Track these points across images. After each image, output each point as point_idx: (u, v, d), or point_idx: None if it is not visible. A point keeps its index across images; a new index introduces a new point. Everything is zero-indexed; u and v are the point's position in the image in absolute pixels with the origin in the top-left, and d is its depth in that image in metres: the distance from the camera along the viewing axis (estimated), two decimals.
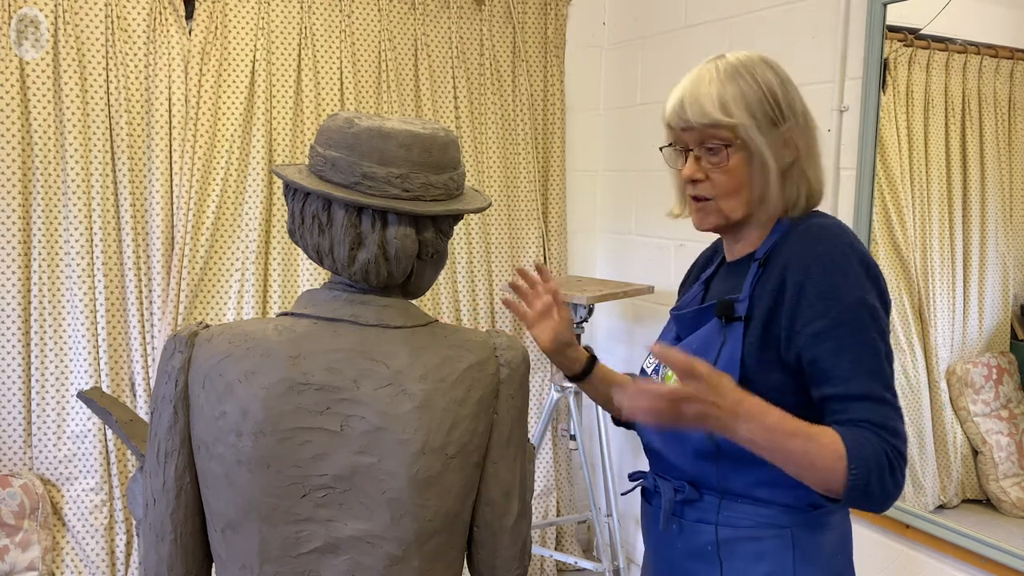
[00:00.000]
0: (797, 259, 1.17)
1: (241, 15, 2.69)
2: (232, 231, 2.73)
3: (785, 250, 1.20)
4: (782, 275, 1.18)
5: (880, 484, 1.09)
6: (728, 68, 1.22)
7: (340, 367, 1.03)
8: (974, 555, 1.93)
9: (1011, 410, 1.97)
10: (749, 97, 1.20)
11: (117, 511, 2.65)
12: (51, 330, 2.55)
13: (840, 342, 1.13)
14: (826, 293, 1.13)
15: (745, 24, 2.58)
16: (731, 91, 1.21)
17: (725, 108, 1.20)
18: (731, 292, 1.27)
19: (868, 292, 1.14)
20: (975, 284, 2.02)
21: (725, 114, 1.20)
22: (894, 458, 1.10)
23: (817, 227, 1.20)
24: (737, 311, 1.22)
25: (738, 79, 1.21)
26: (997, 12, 1.96)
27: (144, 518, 1.09)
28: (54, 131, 2.51)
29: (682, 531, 1.29)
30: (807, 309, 1.14)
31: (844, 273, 1.14)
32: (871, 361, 1.13)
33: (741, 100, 1.20)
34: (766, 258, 1.22)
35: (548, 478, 3.23)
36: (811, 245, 1.17)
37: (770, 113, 1.21)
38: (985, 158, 1.98)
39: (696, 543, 1.28)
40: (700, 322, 1.30)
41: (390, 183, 1.02)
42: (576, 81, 3.27)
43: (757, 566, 1.23)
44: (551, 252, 3.24)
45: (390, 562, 1.04)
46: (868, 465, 1.07)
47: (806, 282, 1.15)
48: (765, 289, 1.20)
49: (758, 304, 1.20)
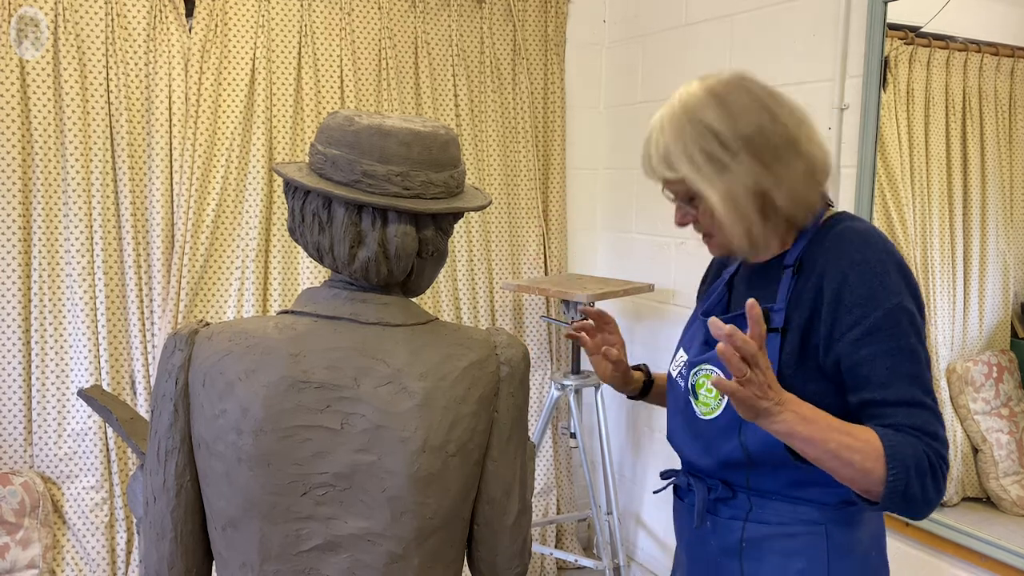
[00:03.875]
0: (834, 266, 1.16)
1: (241, 13, 2.69)
2: (232, 229, 2.73)
3: (819, 256, 1.19)
4: (819, 283, 1.18)
5: (921, 487, 1.08)
6: (673, 117, 1.20)
7: (340, 365, 1.03)
8: (974, 553, 1.93)
9: (1011, 408, 1.97)
10: (690, 148, 1.18)
11: (117, 509, 2.65)
12: (51, 328, 2.55)
13: (879, 347, 1.12)
14: (864, 300, 1.13)
15: (746, 22, 2.58)
16: (673, 144, 1.19)
17: (669, 163, 1.20)
18: (759, 297, 1.25)
19: (905, 297, 1.14)
20: (975, 282, 2.02)
21: (670, 170, 1.20)
22: (935, 461, 1.09)
23: (851, 232, 1.19)
24: (774, 322, 1.21)
25: (680, 128, 1.19)
26: (998, 10, 1.96)
27: (144, 516, 1.09)
28: (54, 131, 2.51)
29: (716, 528, 1.30)
30: (845, 316, 1.14)
31: (881, 279, 1.14)
32: (910, 366, 1.12)
33: (683, 153, 1.18)
34: (799, 264, 1.21)
35: (548, 476, 3.23)
36: (847, 252, 1.17)
37: (716, 156, 1.17)
38: (986, 156, 1.98)
39: (730, 540, 1.28)
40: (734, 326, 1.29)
41: (390, 181, 1.02)
42: (577, 79, 3.27)
43: (792, 562, 1.23)
44: (551, 250, 3.24)
45: (390, 560, 1.04)
46: (907, 466, 1.07)
47: (843, 289, 1.15)
48: (802, 298, 1.19)
49: (795, 314, 1.20)
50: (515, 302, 3.20)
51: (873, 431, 1.09)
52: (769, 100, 1.20)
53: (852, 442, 1.08)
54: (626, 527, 3.29)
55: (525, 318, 3.23)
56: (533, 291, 2.86)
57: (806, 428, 1.08)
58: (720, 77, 1.22)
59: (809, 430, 1.08)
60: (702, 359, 1.29)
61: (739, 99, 1.19)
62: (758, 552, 1.25)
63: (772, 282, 1.25)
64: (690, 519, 1.35)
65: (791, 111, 1.21)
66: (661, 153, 1.20)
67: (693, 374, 1.30)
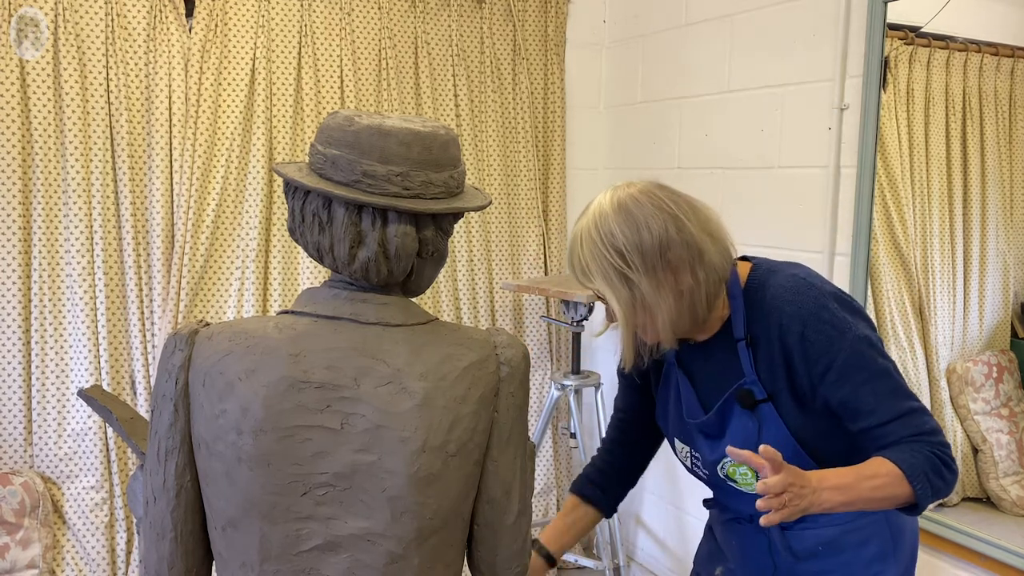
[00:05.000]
0: (787, 329, 1.26)
1: (241, 13, 2.69)
2: (232, 229, 2.74)
3: (764, 325, 1.28)
4: (782, 347, 1.27)
5: (942, 480, 1.19)
6: (587, 232, 1.27)
7: (340, 365, 1.03)
8: (974, 553, 1.93)
9: (1011, 408, 1.97)
10: (600, 262, 1.25)
11: (117, 509, 2.65)
12: (51, 328, 2.55)
13: (855, 381, 1.23)
14: (825, 348, 1.23)
15: (745, 22, 2.58)
16: (590, 260, 1.27)
17: (588, 277, 1.28)
18: (720, 375, 1.34)
19: (856, 326, 1.24)
20: (975, 282, 2.01)
21: (587, 280, 1.29)
22: (942, 454, 1.20)
23: (782, 291, 1.28)
24: (757, 395, 1.29)
25: (592, 244, 1.26)
26: (998, 10, 1.96)
27: (144, 516, 1.09)
28: (54, 131, 2.51)
29: (792, 542, 1.38)
30: (815, 366, 1.25)
31: (832, 323, 1.23)
32: (887, 383, 1.23)
33: (595, 265, 1.26)
34: (749, 336, 1.30)
35: (548, 476, 3.23)
36: (789, 312, 1.26)
37: (621, 271, 1.24)
38: (986, 156, 1.98)
39: (805, 546, 1.37)
40: (725, 417, 1.34)
41: (390, 181, 1.02)
42: (576, 79, 3.27)
43: (865, 550, 1.36)
44: (551, 250, 3.24)
45: (390, 560, 1.04)
46: (925, 473, 1.17)
47: (804, 344, 1.25)
48: (773, 362, 1.28)
49: (774, 380, 1.28)
50: (515, 302, 3.20)
51: (886, 459, 1.19)
52: (676, 209, 1.26)
53: (879, 482, 1.17)
54: (626, 527, 3.29)
55: (525, 318, 3.23)
56: (533, 291, 2.86)
57: (843, 496, 1.15)
58: (631, 189, 1.29)
59: (846, 496, 1.16)
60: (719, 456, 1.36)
61: (643, 211, 1.25)
62: (834, 550, 1.36)
63: (727, 354, 1.33)
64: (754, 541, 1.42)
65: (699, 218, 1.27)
66: (580, 267, 1.29)
67: (719, 469, 1.37)
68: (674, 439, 1.47)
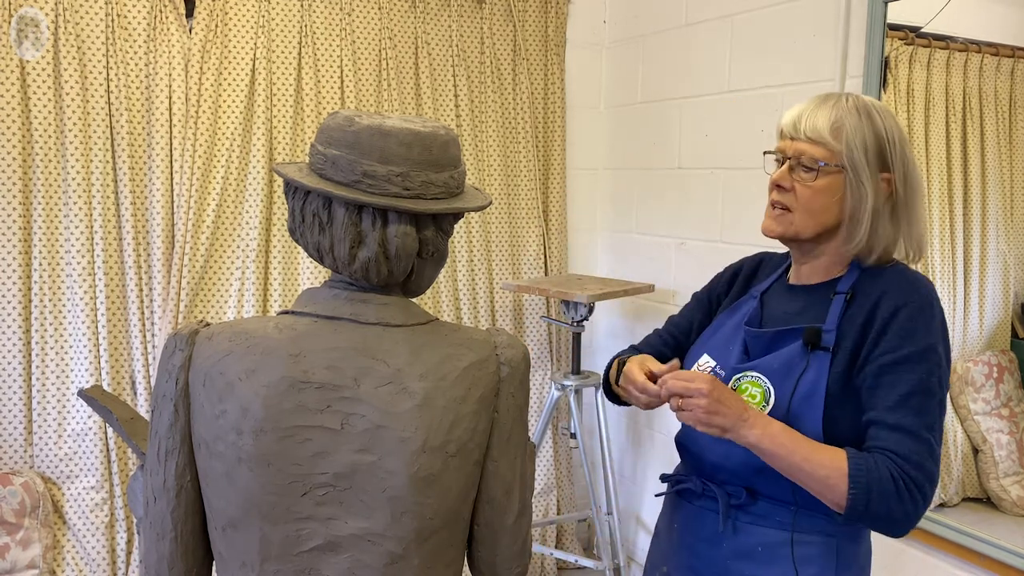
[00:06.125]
0: (889, 298, 1.25)
1: (242, 13, 2.69)
2: (232, 229, 2.74)
3: (874, 289, 1.27)
4: (871, 312, 1.25)
5: (884, 506, 1.15)
6: (859, 104, 1.28)
7: (340, 365, 1.03)
8: (974, 553, 1.93)
9: (1011, 408, 1.97)
10: (866, 134, 1.26)
11: (118, 509, 2.65)
12: (52, 328, 2.55)
13: (900, 376, 1.20)
14: (906, 333, 1.22)
15: (746, 22, 2.58)
16: (851, 122, 1.26)
17: (837, 133, 1.26)
18: (798, 315, 1.33)
19: (940, 344, 1.23)
20: (976, 282, 2.02)
21: (835, 138, 1.26)
22: (905, 484, 1.15)
23: (908, 272, 1.29)
24: (825, 341, 1.27)
25: (863, 116, 1.26)
26: (998, 10, 1.96)
27: (145, 516, 1.09)
28: (54, 131, 2.51)
29: (735, 532, 1.34)
30: (884, 343, 1.23)
31: (927, 322, 1.23)
32: (922, 401, 1.19)
33: (857, 133, 1.26)
34: (852, 293, 1.29)
35: (548, 476, 3.23)
36: (904, 289, 1.25)
37: (880, 156, 1.26)
38: (986, 156, 1.98)
39: (747, 544, 1.33)
40: (778, 343, 1.33)
41: (390, 181, 1.02)
42: (577, 79, 3.27)
43: (805, 569, 1.29)
44: (552, 250, 3.24)
45: (390, 560, 1.04)
46: (869, 486, 1.14)
47: (892, 320, 1.23)
48: (853, 324, 1.26)
49: (845, 337, 1.27)
50: (515, 302, 3.20)
51: (846, 452, 1.18)
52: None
53: (820, 457, 1.17)
54: (626, 527, 3.29)
55: (525, 318, 3.23)
56: (533, 291, 2.86)
57: (769, 443, 1.18)
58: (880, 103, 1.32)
59: (771, 445, 1.18)
60: (747, 367, 1.34)
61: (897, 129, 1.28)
62: (772, 557, 1.30)
63: (815, 305, 1.32)
64: (700, 522, 1.38)
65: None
66: (832, 121, 1.26)
67: (735, 380, 1.34)
68: (701, 355, 1.43)
